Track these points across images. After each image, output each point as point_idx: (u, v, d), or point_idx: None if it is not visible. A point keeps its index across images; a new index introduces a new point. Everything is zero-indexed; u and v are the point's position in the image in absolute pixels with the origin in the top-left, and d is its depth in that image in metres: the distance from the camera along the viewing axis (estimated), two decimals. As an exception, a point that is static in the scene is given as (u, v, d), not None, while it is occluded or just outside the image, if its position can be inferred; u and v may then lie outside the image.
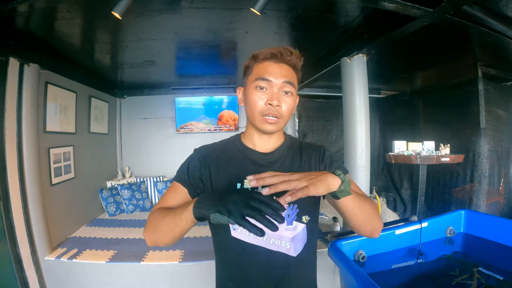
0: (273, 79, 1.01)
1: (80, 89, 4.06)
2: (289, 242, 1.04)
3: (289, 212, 1.04)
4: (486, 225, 2.15)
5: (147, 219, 1.03)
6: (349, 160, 3.07)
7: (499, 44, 2.84)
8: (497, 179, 3.86)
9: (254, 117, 1.04)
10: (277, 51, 1.03)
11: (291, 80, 1.03)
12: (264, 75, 1.01)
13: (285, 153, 1.13)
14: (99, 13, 2.34)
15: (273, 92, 1.01)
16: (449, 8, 2.01)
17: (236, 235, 1.05)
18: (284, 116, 1.03)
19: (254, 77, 1.03)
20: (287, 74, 1.03)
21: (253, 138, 1.12)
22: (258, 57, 1.05)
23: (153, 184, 5.17)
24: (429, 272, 1.86)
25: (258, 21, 2.54)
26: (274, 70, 1.02)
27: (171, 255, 3.03)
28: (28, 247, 2.82)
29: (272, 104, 1.00)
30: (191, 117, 5.52)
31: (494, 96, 3.78)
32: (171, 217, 0.92)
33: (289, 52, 1.04)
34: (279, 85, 1.01)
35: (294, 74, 1.07)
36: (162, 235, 0.96)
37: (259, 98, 1.01)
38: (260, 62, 1.05)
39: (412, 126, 4.93)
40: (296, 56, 1.06)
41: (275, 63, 1.03)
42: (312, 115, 5.67)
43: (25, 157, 2.80)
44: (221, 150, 1.14)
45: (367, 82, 3.02)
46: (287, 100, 1.03)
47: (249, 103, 1.04)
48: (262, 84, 1.01)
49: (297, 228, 1.05)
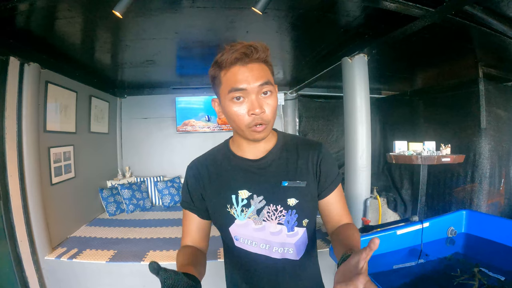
0: (247, 85, 0.90)
1: (81, 88, 4.06)
2: (291, 248, 1.03)
3: (289, 219, 1.01)
4: (488, 226, 2.15)
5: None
6: (349, 160, 3.07)
7: (500, 44, 2.84)
8: (498, 179, 3.85)
9: (241, 130, 0.96)
10: (241, 54, 0.90)
11: (267, 79, 0.92)
12: (237, 85, 0.90)
13: (278, 155, 1.07)
14: (99, 12, 2.34)
15: (252, 100, 0.91)
16: (451, 8, 2.01)
17: (239, 245, 1.04)
18: (270, 120, 0.95)
19: (226, 89, 0.93)
20: (260, 74, 0.92)
21: (242, 146, 1.06)
22: (222, 64, 0.93)
23: (154, 184, 5.16)
24: (430, 272, 1.85)
25: (259, 21, 2.54)
26: (244, 75, 0.90)
27: (171, 255, 3.02)
28: (28, 246, 2.82)
29: (255, 113, 0.91)
30: (191, 117, 5.51)
31: (495, 96, 3.77)
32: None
33: (254, 48, 0.91)
34: (256, 89, 0.91)
35: (267, 69, 0.96)
36: None
37: (240, 110, 0.92)
38: (227, 70, 0.93)
39: (413, 126, 4.92)
40: (262, 50, 0.93)
41: (243, 66, 0.91)
42: (313, 115, 5.67)
43: (25, 157, 2.80)
44: (211, 162, 1.11)
45: (368, 82, 3.02)
46: (269, 102, 0.94)
47: (231, 117, 0.96)
48: (237, 94, 0.91)
49: (299, 233, 1.04)
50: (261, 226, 1.01)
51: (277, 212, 1.00)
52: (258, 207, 1.01)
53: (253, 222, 1.01)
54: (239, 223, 1.02)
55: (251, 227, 1.01)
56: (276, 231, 1.01)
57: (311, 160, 1.05)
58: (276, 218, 1.00)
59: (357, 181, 3.02)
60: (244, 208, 1.01)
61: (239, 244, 1.04)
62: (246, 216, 1.01)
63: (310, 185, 1.04)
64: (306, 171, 1.04)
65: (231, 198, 1.02)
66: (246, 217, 1.01)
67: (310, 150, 1.07)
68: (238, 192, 1.02)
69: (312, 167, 1.05)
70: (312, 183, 1.04)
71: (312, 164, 1.05)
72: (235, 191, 1.02)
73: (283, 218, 1.00)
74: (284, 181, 1.02)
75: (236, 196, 1.02)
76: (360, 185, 3.02)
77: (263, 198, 1.01)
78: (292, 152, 1.07)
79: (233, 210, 1.01)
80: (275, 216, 1.00)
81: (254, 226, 1.01)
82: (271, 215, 1.00)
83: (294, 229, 1.02)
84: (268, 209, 1.00)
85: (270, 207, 1.00)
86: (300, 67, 4.11)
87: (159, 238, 3.52)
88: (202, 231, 1.11)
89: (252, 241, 1.02)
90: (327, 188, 1.06)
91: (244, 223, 1.01)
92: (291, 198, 1.01)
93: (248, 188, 1.02)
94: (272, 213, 1.00)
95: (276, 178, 1.02)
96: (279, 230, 1.01)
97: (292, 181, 1.02)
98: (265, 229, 1.01)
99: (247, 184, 1.02)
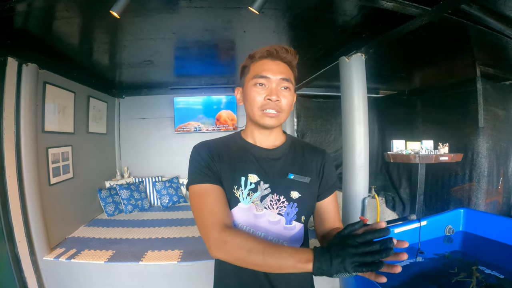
0: (271, 75, 1.03)
1: (79, 89, 4.06)
2: (286, 241, 1.05)
3: (289, 211, 1.05)
4: (485, 224, 2.16)
5: (217, 241, 0.91)
6: (347, 159, 3.07)
7: (498, 43, 2.84)
8: (496, 178, 3.87)
9: (254, 113, 1.06)
10: (273, 49, 1.06)
11: (288, 77, 1.06)
12: (262, 73, 1.04)
13: (287, 151, 1.14)
14: (97, 13, 2.33)
15: (271, 87, 1.03)
16: (447, 7, 2.01)
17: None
18: (284, 111, 1.05)
19: (252, 75, 1.06)
20: (284, 70, 1.06)
21: (254, 134, 1.13)
22: (255, 56, 1.09)
23: (152, 184, 5.16)
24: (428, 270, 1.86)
25: (256, 20, 2.54)
26: (271, 67, 1.04)
27: (170, 255, 3.02)
28: (26, 247, 2.81)
29: (271, 99, 1.02)
30: (189, 117, 5.52)
31: (492, 95, 3.78)
32: (274, 259, 0.84)
33: (285, 49, 1.07)
34: (277, 81, 1.04)
35: (290, 71, 1.10)
36: (254, 266, 0.88)
37: (258, 94, 1.04)
38: (257, 61, 1.08)
39: (411, 125, 4.94)
40: (291, 54, 1.08)
41: (272, 61, 1.06)
42: (311, 114, 5.67)
43: (23, 157, 2.80)
44: (223, 145, 1.14)
45: (365, 81, 3.02)
46: (286, 95, 1.05)
47: (249, 100, 1.06)
48: (260, 81, 1.04)
49: (296, 228, 1.07)
50: (261, 213, 1.04)
51: (279, 202, 1.04)
52: (263, 194, 1.04)
53: (255, 207, 1.04)
54: (242, 206, 1.04)
55: (252, 212, 1.04)
56: (275, 221, 1.04)
57: (315, 161, 1.15)
58: (277, 208, 1.04)
59: (355, 180, 3.02)
60: (250, 192, 1.05)
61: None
62: (251, 201, 1.04)
63: (313, 183, 1.11)
64: (311, 169, 1.13)
65: (241, 180, 1.05)
66: (250, 201, 1.04)
67: (315, 153, 1.18)
68: (248, 176, 1.06)
69: (316, 167, 1.14)
70: (314, 182, 1.12)
71: (317, 165, 1.15)
72: (246, 174, 1.06)
73: (284, 209, 1.05)
74: (290, 174, 1.08)
75: (246, 179, 1.05)
76: (358, 184, 3.02)
77: (269, 186, 1.05)
78: (299, 151, 1.17)
79: (239, 193, 1.04)
80: (276, 206, 1.04)
81: (255, 212, 1.04)
82: (273, 203, 1.04)
83: (292, 222, 1.06)
84: (272, 198, 1.04)
85: (273, 196, 1.04)
86: (298, 66, 4.10)
87: (158, 238, 3.52)
88: (227, 207, 1.03)
89: (250, 227, 1.04)
90: (327, 191, 1.15)
91: (247, 208, 1.04)
92: (294, 191, 1.06)
93: (258, 173, 1.07)
94: (275, 202, 1.04)
95: (284, 170, 1.09)
96: (278, 220, 1.04)
97: (298, 175, 1.08)
98: (264, 216, 1.04)
99: (257, 170, 1.07)
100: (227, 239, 0.89)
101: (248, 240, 0.88)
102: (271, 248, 0.85)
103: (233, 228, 0.95)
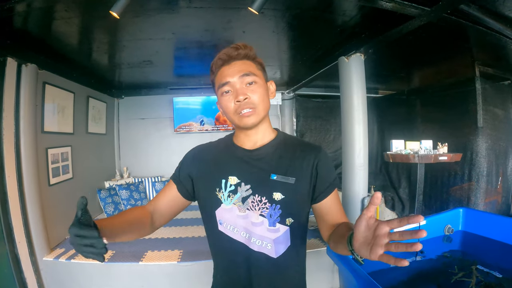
0: (230, 79, 1.03)
1: (78, 89, 4.05)
2: (270, 243, 1.03)
3: (272, 212, 1.03)
4: (485, 223, 2.16)
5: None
6: (347, 159, 3.08)
7: (496, 43, 2.85)
8: (495, 177, 3.87)
9: (232, 119, 1.07)
10: (223, 55, 1.06)
11: (248, 71, 1.04)
12: (222, 80, 1.04)
13: (273, 150, 1.11)
14: (97, 13, 2.34)
15: (236, 89, 1.03)
16: (446, 7, 2.01)
17: (222, 229, 1.07)
18: (257, 105, 1.04)
19: (217, 86, 1.07)
20: (241, 68, 1.04)
21: (240, 137, 1.14)
22: (212, 68, 1.11)
23: (151, 184, 5.16)
24: (428, 270, 1.86)
25: (255, 21, 2.54)
26: (228, 71, 1.04)
27: (169, 255, 3.03)
28: (26, 247, 2.81)
29: (239, 100, 1.01)
30: (189, 118, 5.52)
31: (491, 95, 3.79)
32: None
33: (234, 48, 1.06)
34: (239, 81, 1.03)
35: (251, 63, 1.08)
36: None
37: (228, 101, 1.04)
38: (217, 72, 1.09)
39: (410, 125, 4.94)
40: (243, 48, 1.07)
41: (227, 65, 1.06)
42: (310, 114, 5.68)
43: (23, 158, 2.80)
44: (213, 148, 1.19)
45: (364, 81, 3.03)
46: (254, 89, 1.04)
47: (224, 109, 1.08)
48: (225, 89, 1.04)
49: (280, 230, 1.04)
50: (244, 214, 1.04)
51: (261, 203, 1.03)
52: (244, 195, 1.04)
53: (238, 208, 1.05)
54: (224, 207, 1.06)
55: (235, 213, 1.05)
56: (258, 222, 1.03)
57: (307, 161, 1.07)
58: (259, 209, 1.03)
59: (355, 180, 3.03)
60: (230, 193, 1.06)
61: (222, 228, 1.07)
62: (232, 202, 1.05)
63: (300, 184, 1.05)
64: (299, 170, 1.06)
65: (221, 182, 1.07)
66: (231, 202, 1.05)
67: (308, 152, 1.09)
68: (228, 178, 1.07)
69: (307, 168, 1.06)
70: (303, 183, 1.05)
71: (308, 165, 1.07)
72: (226, 176, 1.07)
73: (266, 210, 1.03)
74: (273, 174, 1.05)
75: (226, 181, 1.07)
76: (357, 184, 3.02)
77: (250, 187, 1.04)
78: (288, 150, 1.10)
79: (221, 194, 1.07)
80: (258, 207, 1.03)
81: (238, 213, 1.05)
82: (255, 205, 1.03)
83: (276, 225, 1.03)
84: (253, 199, 1.03)
85: (255, 197, 1.03)
86: (297, 66, 4.11)
87: (157, 238, 3.53)
88: (170, 205, 1.15)
89: (234, 227, 1.05)
90: (325, 191, 1.07)
91: (229, 208, 1.06)
92: (277, 192, 1.03)
93: (238, 175, 1.07)
94: (256, 204, 1.03)
95: (266, 171, 1.06)
96: (261, 221, 1.03)
97: (281, 176, 1.05)
98: (247, 217, 1.04)
99: (237, 171, 1.07)
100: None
101: (124, 212, 1.04)
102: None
103: (146, 207, 1.11)
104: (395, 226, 0.69)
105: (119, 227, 0.92)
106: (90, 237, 0.72)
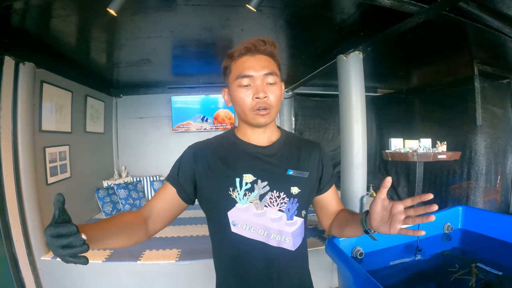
0: (253, 73, 1.00)
1: (76, 88, 4.04)
2: (288, 237, 1.04)
3: (290, 207, 1.04)
4: (484, 221, 2.16)
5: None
6: (346, 157, 3.07)
7: (495, 41, 2.84)
8: (494, 176, 3.87)
9: (245, 114, 1.04)
10: (250, 44, 1.03)
11: (272, 70, 1.03)
12: (244, 72, 1.01)
13: (283, 147, 1.12)
14: (94, 11, 2.33)
15: (257, 85, 1.01)
16: (445, 5, 2.01)
17: (236, 230, 1.03)
18: (273, 106, 1.03)
19: (235, 75, 1.03)
20: (266, 64, 1.03)
21: (247, 133, 1.11)
22: (234, 54, 1.05)
23: (150, 184, 5.16)
24: (427, 268, 1.86)
25: (254, 19, 2.54)
26: (252, 64, 1.01)
27: (167, 254, 3.02)
28: (24, 247, 2.80)
29: (259, 97, 0.99)
30: (187, 117, 5.51)
31: (490, 94, 3.79)
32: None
33: (262, 42, 1.04)
34: (261, 78, 1.01)
35: (273, 62, 1.07)
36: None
37: (245, 95, 1.01)
38: (237, 59, 1.05)
39: (409, 123, 4.95)
40: (270, 44, 1.05)
41: (252, 56, 1.03)
42: (309, 113, 5.68)
43: (20, 157, 2.79)
44: (216, 145, 1.13)
45: (363, 79, 3.02)
46: (273, 89, 1.02)
47: (237, 102, 1.04)
48: (244, 81, 1.01)
49: (297, 223, 1.06)
50: (262, 212, 1.02)
51: (279, 198, 1.03)
52: (262, 192, 1.03)
53: (255, 207, 1.02)
54: (240, 207, 1.02)
55: (252, 211, 1.02)
56: (277, 218, 1.03)
57: (313, 155, 1.14)
58: (278, 205, 1.03)
59: (353, 179, 3.02)
60: (247, 192, 1.02)
61: (236, 229, 1.02)
62: (248, 201, 1.02)
63: (311, 178, 1.11)
64: (308, 164, 1.12)
65: (235, 181, 1.03)
66: (248, 201, 1.02)
67: (311, 148, 1.16)
68: (243, 176, 1.03)
69: (314, 162, 1.13)
70: (313, 177, 1.12)
71: (314, 160, 1.14)
72: (240, 174, 1.04)
73: (285, 205, 1.04)
74: (289, 170, 1.07)
75: (241, 179, 1.03)
76: (356, 183, 3.02)
77: (267, 184, 1.03)
78: (294, 147, 1.15)
79: (235, 194, 1.02)
80: (277, 203, 1.03)
81: (255, 211, 1.02)
82: (273, 201, 1.03)
83: (293, 218, 1.05)
84: (271, 195, 1.03)
85: (273, 193, 1.03)
86: (296, 65, 4.10)
87: (155, 237, 3.51)
88: (168, 209, 1.09)
89: (250, 226, 1.02)
90: (328, 183, 1.18)
91: (245, 207, 1.02)
92: (294, 187, 1.05)
93: (253, 172, 1.04)
94: (275, 200, 1.03)
95: (282, 166, 1.07)
96: (279, 217, 1.03)
97: (296, 171, 1.07)
98: (265, 214, 1.02)
99: (252, 169, 1.05)
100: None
101: (113, 216, 0.99)
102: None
103: (140, 212, 1.06)
104: (408, 203, 0.86)
105: (106, 229, 0.88)
106: (67, 234, 0.66)
